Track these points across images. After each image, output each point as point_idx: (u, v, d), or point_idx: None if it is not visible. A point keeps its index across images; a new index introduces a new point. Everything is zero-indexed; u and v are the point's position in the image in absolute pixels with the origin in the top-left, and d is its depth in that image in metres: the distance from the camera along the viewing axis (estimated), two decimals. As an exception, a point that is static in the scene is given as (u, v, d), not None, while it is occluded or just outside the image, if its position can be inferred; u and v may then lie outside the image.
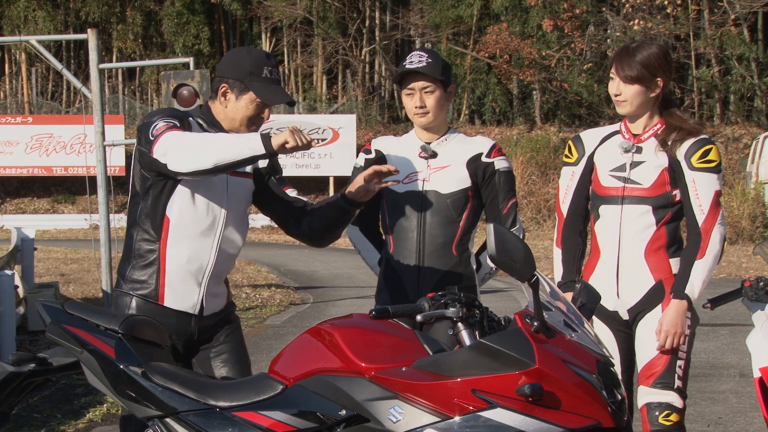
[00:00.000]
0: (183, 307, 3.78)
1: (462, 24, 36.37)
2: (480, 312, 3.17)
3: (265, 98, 3.73)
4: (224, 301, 3.93)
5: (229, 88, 3.76)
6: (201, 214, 3.76)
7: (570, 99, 34.68)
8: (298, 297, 14.25)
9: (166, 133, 3.57)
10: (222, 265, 3.85)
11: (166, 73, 9.63)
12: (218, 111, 3.81)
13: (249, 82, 3.73)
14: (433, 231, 4.12)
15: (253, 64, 3.74)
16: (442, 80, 4.07)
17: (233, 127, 3.79)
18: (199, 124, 3.81)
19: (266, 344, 9.83)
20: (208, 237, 3.77)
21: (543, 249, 21.42)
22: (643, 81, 3.95)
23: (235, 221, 3.85)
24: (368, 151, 4.31)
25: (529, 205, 28.73)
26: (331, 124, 31.67)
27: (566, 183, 4.21)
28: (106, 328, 3.52)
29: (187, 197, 3.74)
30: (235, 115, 3.77)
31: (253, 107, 3.75)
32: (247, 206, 3.94)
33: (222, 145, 3.48)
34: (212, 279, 3.82)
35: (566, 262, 4.18)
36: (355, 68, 38.05)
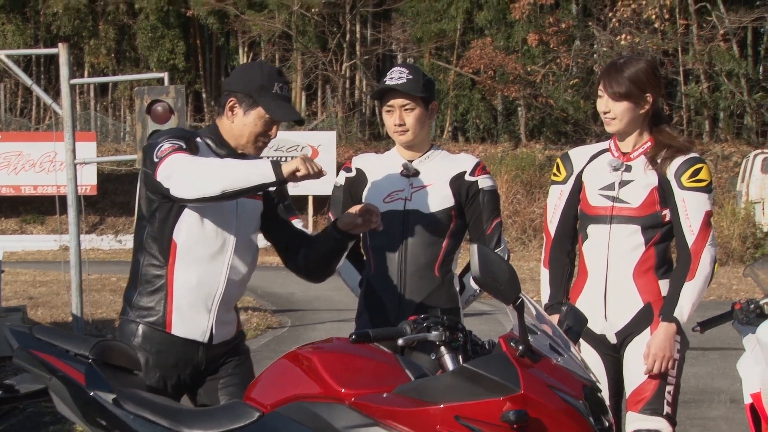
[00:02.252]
0: (191, 335, 3.73)
1: (445, 38, 36.50)
2: (463, 335, 3.17)
3: (275, 114, 3.71)
4: (234, 329, 3.89)
5: (238, 103, 3.74)
6: (210, 237, 3.72)
7: (556, 116, 34.82)
8: (276, 320, 14.19)
9: (172, 156, 3.54)
10: (232, 291, 3.81)
11: (140, 88, 9.62)
12: (225, 128, 3.78)
13: (258, 96, 3.71)
14: (416, 251, 4.12)
15: (264, 78, 3.73)
16: (422, 97, 4.08)
17: (239, 144, 3.76)
18: (207, 144, 3.77)
19: (243, 369, 9.77)
20: (218, 261, 3.73)
21: (528, 270, 21.43)
22: (632, 97, 3.97)
23: (245, 245, 3.81)
24: (349, 169, 4.31)
25: (514, 224, 28.78)
26: (311, 141, 31.67)
27: (554, 202, 4.23)
28: (76, 354, 3.49)
29: (195, 220, 3.70)
30: (242, 131, 3.74)
31: (261, 123, 3.73)
32: (257, 229, 3.91)
33: (230, 170, 3.45)
34: (222, 305, 3.77)
35: (553, 284, 4.19)
36: (335, 84, 38.11)
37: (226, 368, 3.86)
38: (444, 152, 4.26)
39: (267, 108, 3.71)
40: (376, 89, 4.18)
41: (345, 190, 4.29)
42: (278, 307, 15.97)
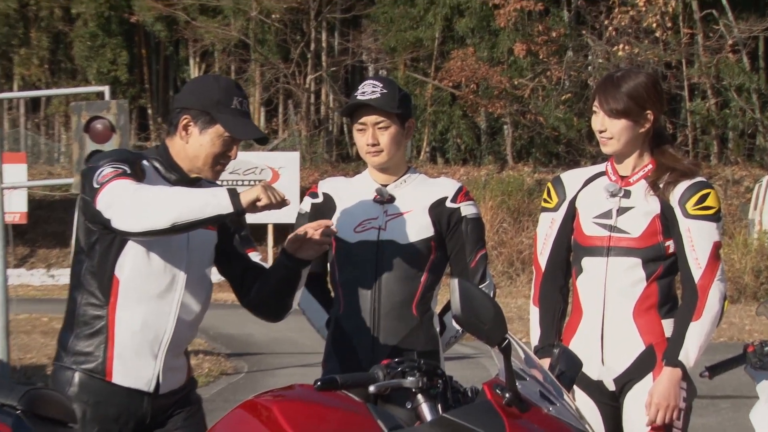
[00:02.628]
0: (135, 384, 3.71)
1: (422, 48, 36.67)
2: (443, 382, 3.17)
3: (236, 132, 3.71)
4: (184, 377, 3.88)
5: (192, 120, 3.73)
6: (157, 273, 3.70)
7: (546, 135, 35.00)
8: (231, 365, 14.13)
9: (114, 182, 3.52)
10: (182, 334, 3.79)
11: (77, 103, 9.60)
12: (177, 149, 3.77)
13: (216, 113, 3.70)
14: (390, 287, 4.12)
15: (221, 92, 3.73)
16: (398, 114, 4.10)
17: (194, 167, 3.75)
18: (155, 168, 3.76)
19: (193, 421, 9.73)
20: (166, 300, 3.72)
21: (516, 308, 21.45)
22: (630, 115, 4.00)
23: (197, 281, 3.80)
24: (315, 194, 4.31)
25: (500, 257, 28.85)
26: (271, 163, 31.65)
27: (545, 231, 4.25)
28: (2, 404, 3.46)
29: (140, 253, 3.68)
30: (198, 152, 3.73)
31: (220, 143, 3.72)
32: (210, 262, 3.89)
33: (181, 200, 3.46)
34: (171, 350, 3.76)
35: (544, 323, 4.20)
36: (298, 99, 38.16)
37: (174, 421, 3.84)
38: (422, 176, 4.27)
39: (226, 125, 3.70)
40: (346, 105, 4.20)
41: (311, 219, 4.28)
42: (233, 350, 15.90)
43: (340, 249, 4.20)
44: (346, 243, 4.18)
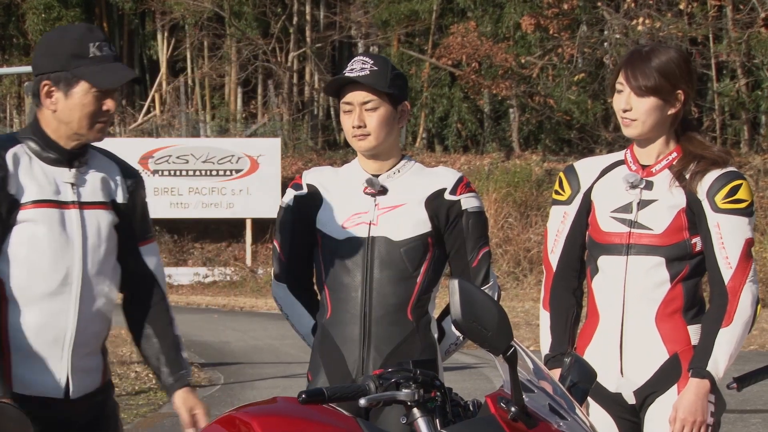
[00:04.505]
0: (41, 392, 3.72)
1: (417, 22, 36.69)
2: (441, 394, 3.17)
3: (100, 82, 3.66)
4: (99, 378, 3.89)
5: (53, 85, 3.70)
6: (47, 268, 3.70)
7: (556, 119, 35.04)
8: (205, 377, 14.15)
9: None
10: (89, 330, 3.79)
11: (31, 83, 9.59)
12: (48, 120, 3.73)
13: (75, 68, 3.67)
14: (383, 289, 4.13)
15: (73, 43, 3.68)
16: (390, 94, 4.11)
17: (72, 134, 3.72)
18: (31, 150, 3.72)
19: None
20: (63, 295, 3.72)
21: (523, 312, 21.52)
22: (661, 93, 3.99)
23: (98, 268, 3.79)
24: (298, 186, 4.31)
25: (506, 255, 28.91)
26: (248, 151, 31.68)
27: (556, 227, 4.25)
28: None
29: (22, 247, 3.68)
30: (70, 117, 3.69)
31: (91, 99, 3.69)
32: (112, 246, 3.85)
33: None
34: (77, 350, 3.76)
35: (556, 330, 4.20)
36: (279, 78, 38.16)
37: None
38: (418, 165, 4.28)
39: (90, 78, 3.67)
40: (329, 81, 4.20)
41: (294, 213, 4.29)
42: (208, 359, 15.92)
43: (326, 247, 4.20)
44: (333, 240, 4.18)
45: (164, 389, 4.01)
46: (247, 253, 31.78)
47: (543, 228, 29.25)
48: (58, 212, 3.70)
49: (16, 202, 3.65)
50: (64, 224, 3.71)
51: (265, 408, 3.30)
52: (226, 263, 32.00)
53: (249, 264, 31.52)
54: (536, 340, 4.31)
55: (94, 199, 3.78)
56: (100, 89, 3.68)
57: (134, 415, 11.11)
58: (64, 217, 3.72)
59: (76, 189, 3.74)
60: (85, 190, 3.76)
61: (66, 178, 3.73)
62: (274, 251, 4.37)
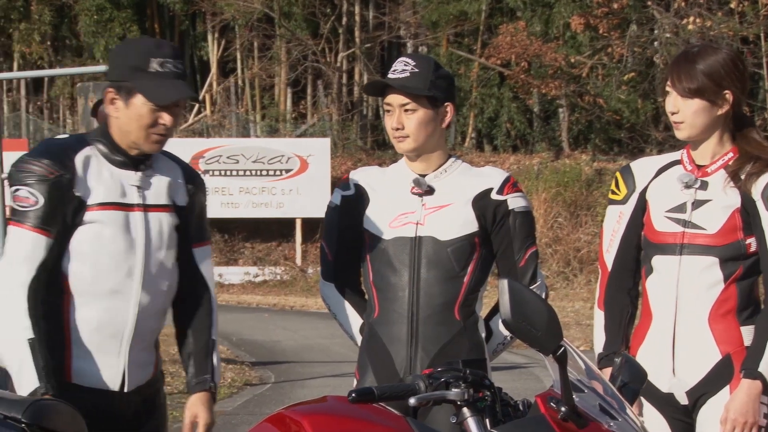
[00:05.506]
0: (98, 384, 3.82)
1: (467, 22, 36.62)
2: (491, 394, 3.18)
3: (153, 98, 3.75)
4: (151, 371, 3.98)
5: (116, 93, 3.81)
6: (111, 267, 3.80)
7: (606, 119, 34.86)
8: (256, 375, 14.20)
9: (18, 229, 3.71)
10: (146, 327, 3.88)
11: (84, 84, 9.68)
12: (113, 126, 3.84)
13: (134, 80, 3.76)
14: (430, 289, 4.13)
15: (137, 56, 3.77)
16: (429, 96, 4.10)
17: (129, 142, 3.82)
18: (100, 152, 3.83)
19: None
20: (123, 294, 3.81)
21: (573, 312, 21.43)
22: (706, 94, 3.98)
23: (159, 268, 3.89)
24: (346, 185, 4.33)
25: (555, 255, 28.78)
26: (298, 151, 31.73)
27: (612, 226, 4.24)
28: (6, 417, 3.51)
29: (87, 246, 3.78)
30: (128, 126, 3.79)
31: (147, 113, 3.77)
32: (172, 247, 3.96)
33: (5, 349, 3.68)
34: (134, 346, 3.85)
35: (610, 329, 4.20)
36: (328, 79, 38.22)
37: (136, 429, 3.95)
38: (465, 165, 4.28)
39: (144, 92, 3.75)
40: (368, 82, 4.21)
41: (341, 213, 4.31)
42: (259, 358, 15.97)
43: (373, 246, 4.22)
44: (380, 240, 4.20)
45: (186, 388, 4.08)
46: (297, 253, 31.85)
47: (593, 228, 29.16)
48: (123, 214, 3.81)
49: (83, 203, 3.75)
50: (128, 226, 3.82)
51: (315, 407, 3.31)
52: (277, 263, 32.08)
53: (299, 263, 31.58)
54: (586, 339, 4.31)
55: (157, 201, 3.89)
56: (154, 103, 3.75)
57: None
58: (129, 219, 3.82)
59: (141, 192, 3.86)
60: (149, 193, 3.88)
61: (132, 181, 3.85)
62: (322, 251, 4.39)
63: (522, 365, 14.19)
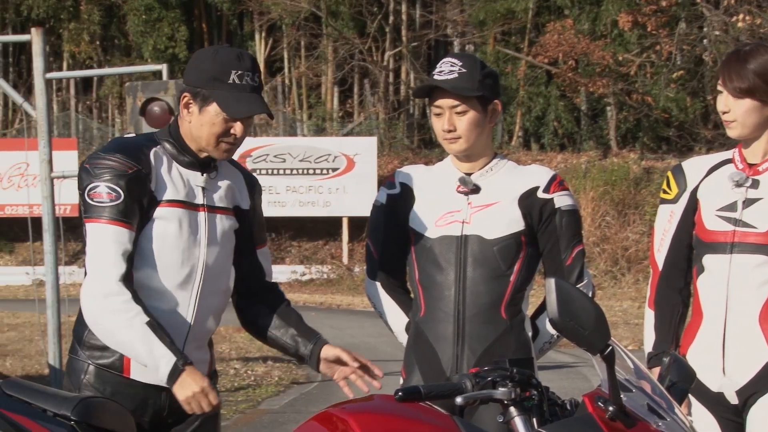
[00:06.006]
0: (155, 379, 3.82)
1: (514, 20, 36.56)
2: (538, 393, 3.17)
3: (228, 110, 3.80)
4: (206, 369, 4.00)
5: (192, 99, 3.86)
6: (174, 264, 3.84)
7: (655, 117, 34.70)
8: (302, 374, 14.24)
9: (100, 225, 3.73)
10: (204, 326, 3.93)
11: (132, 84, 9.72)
12: (185, 129, 3.91)
13: (212, 90, 3.81)
14: (476, 288, 4.13)
15: (217, 66, 3.82)
16: (479, 97, 4.10)
17: (200, 148, 3.88)
18: (166, 153, 3.89)
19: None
20: (185, 291, 3.86)
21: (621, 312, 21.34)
22: (757, 94, 3.97)
23: (218, 270, 3.94)
24: (392, 184, 4.33)
25: (603, 254, 28.68)
26: (345, 150, 31.80)
27: (663, 225, 4.22)
28: (56, 414, 3.54)
29: (154, 247, 3.83)
30: (200, 132, 3.85)
31: (220, 122, 3.82)
32: (231, 248, 4.03)
33: (129, 348, 3.70)
34: (192, 342, 3.89)
35: (660, 328, 4.18)
36: (375, 78, 38.27)
37: (190, 421, 3.96)
38: (511, 163, 4.27)
39: (220, 102, 3.80)
40: (417, 86, 4.21)
41: (387, 211, 4.31)
42: (305, 357, 15.98)
43: (419, 245, 4.22)
44: (426, 239, 4.20)
45: (306, 360, 4.07)
46: (343, 252, 31.93)
47: (641, 226, 29.03)
48: (189, 213, 3.87)
49: (155, 198, 3.81)
50: (193, 225, 3.88)
51: (362, 405, 3.32)
52: (323, 261, 32.17)
53: (345, 262, 31.65)
54: (634, 339, 4.30)
55: (221, 204, 3.97)
56: (228, 115, 3.81)
57: (233, 411, 11.23)
58: (195, 218, 3.88)
59: (206, 193, 3.92)
60: (214, 195, 3.95)
61: (198, 182, 3.91)
62: (368, 249, 4.40)
63: (569, 364, 14.15)
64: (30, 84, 26.17)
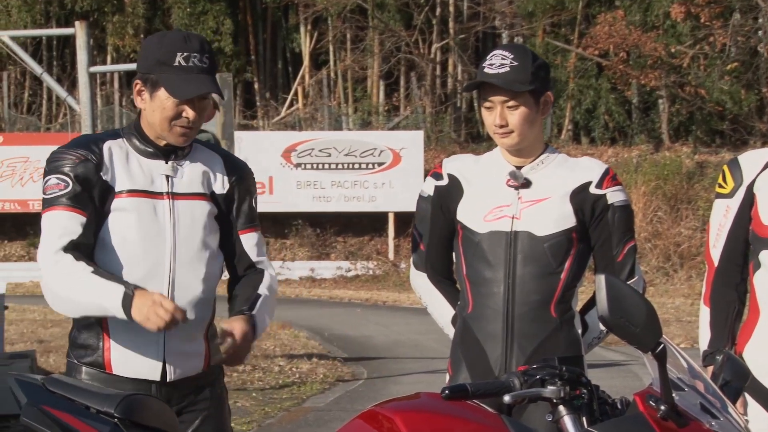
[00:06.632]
0: (138, 374, 3.90)
1: (563, 12, 36.42)
2: (588, 392, 3.16)
3: (173, 92, 3.85)
4: (201, 363, 4.02)
5: (143, 85, 3.93)
6: (137, 255, 3.89)
7: (708, 110, 34.46)
8: (348, 371, 14.27)
9: (49, 213, 3.83)
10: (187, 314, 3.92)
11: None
12: (142, 118, 3.98)
13: (159, 74, 3.87)
14: (526, 286, 4.11)
15: (162, 50, 3.88)
16: (531, 90, 4.07)
17: (157, 135, 3.94)
18: (132, 145, 3.95)
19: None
20: (154, 281, 3.88)
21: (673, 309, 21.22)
22: None
23: (193, 256, 3.96)
24: (439, 175, 4.31)
25: (654, 250, 28.52)
26: (391, 144, 31.79)
27: (718, 221, 4.20)
28: (99, 411, 3.57)
29: (115, 235, 3.89)
30: (153, 118, 3.91)
31: (171, 105, 3.87)
32: (208, 234, 4.03)
33: (83, 298, 3.74)
34: (174, 334, 3.88)
35: (716, 326, 4.16)
36: (422, 70, 38.24)
37: (188, 420, 3.98)
38: (562, 156, 4.24)
39: (166, 85, 3.86)
40: (468, 81, 4.19)
41: (434, 203, 4.29)
42: (351, 354, 16.04)
43: (467, 239, 4.20)
44: (474, 233, 4.18)
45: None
46: (389, 247, 31.93)
47: (694, 222, 28.85)
48: (149, 202, 3.91)
49: (110, 188, 3.88)
50: (155, 213, 3.91)
51: (408, 403, 3.32)
52: (369, 257, 32.17)
53: (391, 258, 31.64)
54: (687, 337, 4.28)
55: (189, 190, 3.99)
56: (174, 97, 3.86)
57: (278, 408, 11.27)
58: (156, 206, 3.92)
59: (170, 180, 3.95)
60: (180, 182, 3.97)
61: (162, 171, 3.96)
62: (414, 240, 4.39)
63: (620, 362, 14.09)
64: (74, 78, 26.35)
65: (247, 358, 3.98)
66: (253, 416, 10.66)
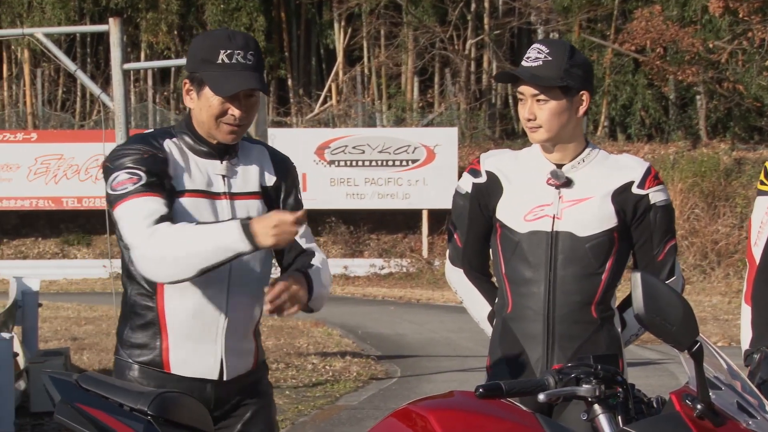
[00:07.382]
0: (196, 373, 3.91)
1: (600, 7, 36.30)
2: (624, 390, 3.15)
3: (215, 88, 3.84)
4: (252, 361, 4.04)
5: (191, 84, 3.94)
6: None
7: (746, 106, 34.28)
8: (381, 369, 14.27)
9: (127, 203, 3.75)
10: (241, 315, 3.95)
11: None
12: (194, 117, 3.98)
13: (203, 72, 3.87)
14: (567, 286, 4.10)
15: (206, 48, 3.89)
16: (563, 87, 4.05)
17: (206, 132, 3.93)
18: (184, 144, 3.94)
19: (339, 431, 9.84)
20: (215, 283, 3.88)
21: (710, 307, 21.11)
22: None
23: (250, 257, 3.93)
24: (477, 172, 4.28)
25: (692, 248, 28.38)
26: (425, 141, 31.76)
27: (760, 218, 4.18)
28: (132, 409, 3.59)
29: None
30: (201, 116, 3.91)
31: (217, 103, 3.87)
32: None
33: (200, 247, 3.66)
34: (231, 333, 3.92)
35: (757, 324, 4.14)
36: (456, 67, 38.19)
37: (240, 414, 4.00)
38: (602, 153, 4.21)
39: (210, 83, 3.85)
40: (500, 71, 4.18)
41: (472, 200, 4.27)
42: (384, 352, 16.05)
43: (506, 238, 4.18)
44: (514, 232, 4.16)
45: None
46: (423, 245, 31.91)
47: (731, 219, 28.69)
48: (210, 202, 3.90)
49: (173, 188, 3.86)
50: (215, 214, 3.90)
51: (442, 402, 3.32)
52: (402, 255, 32.15)
53: (425, 255, 31.62)
54: (724, 335, 4.26)
55: (245, 189, 3.99)
56: (217, 95, 3.85)
57: (311, 406, 11.28)
58: (216, 206, 3.91)
59: (227, 180, 3.95)
60: (236, 182, 3.98)
61: (218, 170, 3.95)
62: (450, 235, 4.37)
63: (656, 361, 14.03)
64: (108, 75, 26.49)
65: (292, 314, 3.85)
66: (287, 414, 10.68)
